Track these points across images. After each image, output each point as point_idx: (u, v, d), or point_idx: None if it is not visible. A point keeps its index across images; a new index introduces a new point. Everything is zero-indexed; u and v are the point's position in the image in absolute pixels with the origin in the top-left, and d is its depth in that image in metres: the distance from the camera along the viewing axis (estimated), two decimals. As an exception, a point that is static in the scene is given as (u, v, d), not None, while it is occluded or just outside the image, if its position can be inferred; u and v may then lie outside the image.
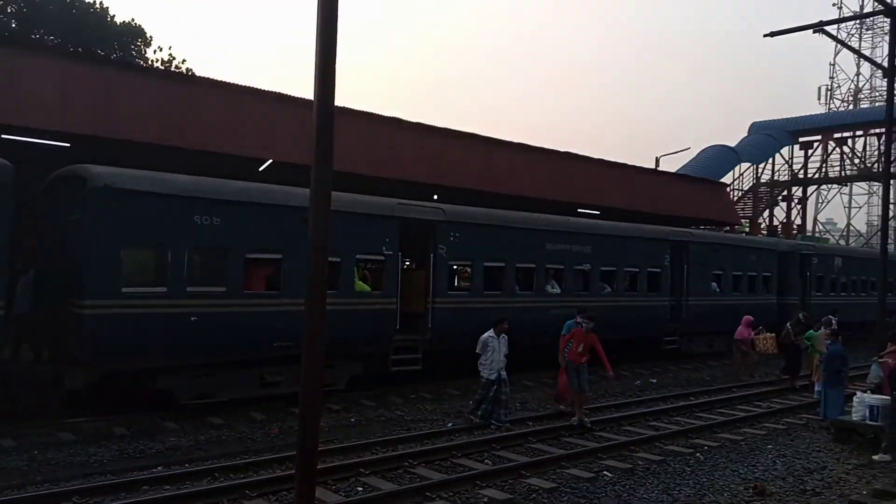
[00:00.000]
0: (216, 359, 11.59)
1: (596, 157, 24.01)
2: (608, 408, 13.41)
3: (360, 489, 8.21)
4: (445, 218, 14.58)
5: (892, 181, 57.97)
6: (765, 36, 11.90)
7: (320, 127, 4.85)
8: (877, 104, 59.83)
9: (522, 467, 9.10)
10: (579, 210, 22.65)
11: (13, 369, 12.64)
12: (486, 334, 11.64)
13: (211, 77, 16.13)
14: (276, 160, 15.91)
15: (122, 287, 10.50)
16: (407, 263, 16.32)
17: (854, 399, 11.78)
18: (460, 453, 9.77)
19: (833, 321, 17.08)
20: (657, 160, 33.68)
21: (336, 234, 12.37)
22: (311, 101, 5.33)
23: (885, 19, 11.52)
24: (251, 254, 11.88)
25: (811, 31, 11.32)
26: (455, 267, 16.08)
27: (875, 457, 10.20)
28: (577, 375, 11.75)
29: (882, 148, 36.89)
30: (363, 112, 17.74)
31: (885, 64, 11.26)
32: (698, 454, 10.26)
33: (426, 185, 18.56)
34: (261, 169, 16.38)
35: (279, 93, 16.56)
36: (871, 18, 60.72)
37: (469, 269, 15.77)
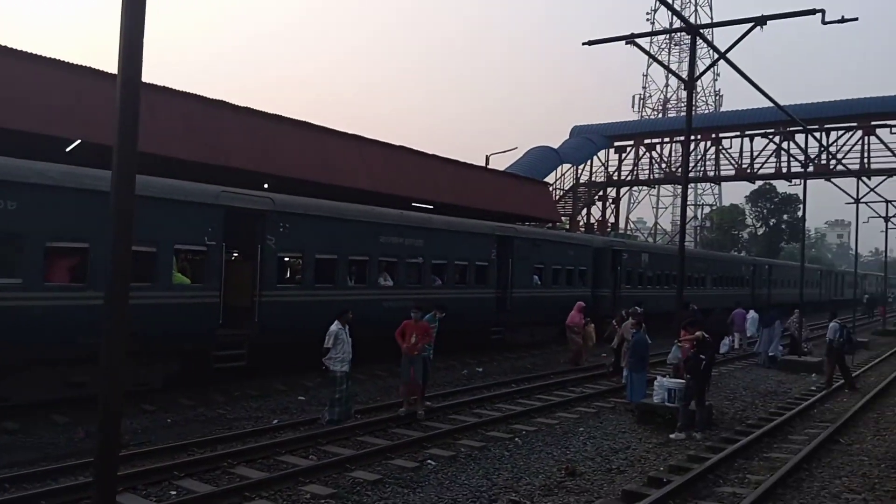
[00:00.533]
0: (12, 358, 10.42)
1: (430, 152, 24.43)
2: (435, 397, 13.71)
3: (174, 493, 7.76)
4: (275, 208, 14.14)
5: (690, 185, 63.83)
6: (583, 44, 12.77)
7: (124, 98, 4.43)
8: (682, 114, 66.17)
9: (348, 461, 9.05)
10: (413, 204, 22.94)
11: None
12: (334, 326, 11.23)
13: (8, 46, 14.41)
14: (86, 140, 14.57)
15: None
16: (234, 255, 15.65)
17: (655, 383, 12.95)
18: (284, 450, 9.55)
19: (639, 311, 18.68)
20: (487, 158, 35.00)
21: (152, 223, 11.70)
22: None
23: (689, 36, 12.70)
24: (53, 242, 10.81)
25: (624, 42, 12.31)
26: (285, 259, 15.66)
27: (672, 435, 11.26)
28: (412, 367, 11.88)
29: (677, 154, 40.90)
30: (186, 93, 16.73)
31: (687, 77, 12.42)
32: (517, 439, 10.78)
33: (255, 174, 17.88)
34: (68, 150, 14.93)
35: (91, 67, 15.17)
36: (679, 36, 66.92)
37: (300, 262, 15.43)
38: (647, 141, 41.51)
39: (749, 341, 24.99)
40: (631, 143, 42.16)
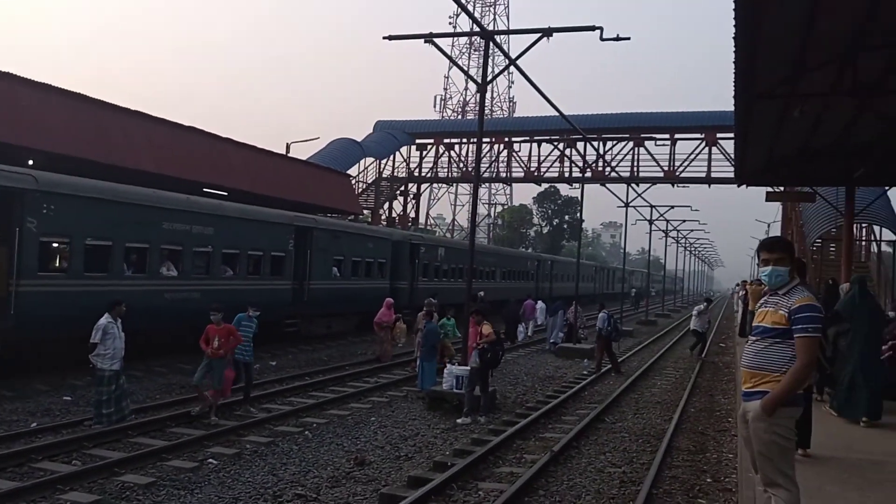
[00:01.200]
0: None
1: (223, 135, 23.23)
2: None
3: None
4: (37, 187, 12.55)
5: (483, 185, 66.50)
6: (383, 38, 12.82)
7: None
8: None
9: (117, 464, 8.27)
10: (205, 190, 21.67)
11: None
12: (102, 320, 10.07)
13: None
14: None
15: None
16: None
17: (444, 371, 13.38)
18: (42, 456, 8.51)
19: (433, 302, 19.24)
20: (287, 146, 34.05)
21: None
22: None
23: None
24: None
25: (423, 41, 12.53)
26: (50, 244, 13.99)
27: (458, 420, 11.70)
28: (209, 371, 11.02)
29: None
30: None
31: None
32: (307, 432, 10.55)
33: (16, 148, 15.80)
34: None
35: None
36: (479, 42, 69.99)
37: (67, 248, 13.85)
38: (446, 140, 42.91)
39: (538, 328, 27.08)
40: (431, 141, 43.34)
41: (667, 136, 35.79)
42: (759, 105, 10.44)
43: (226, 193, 22.26)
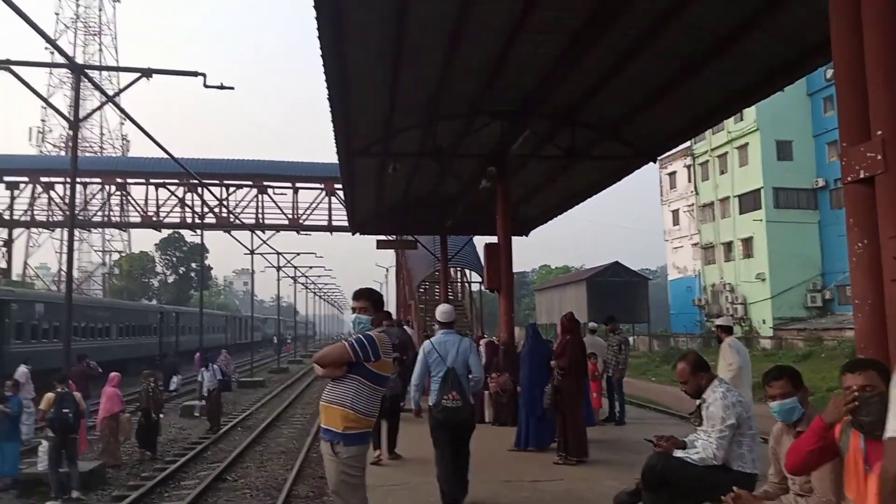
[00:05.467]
0: None
1: None
2: None
3: None
4: None
5: (97, 229, 60.07)
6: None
7: None
8: (85, 153, 62.72)
9: None
10: None
11: None
12: None
13: None
14: None
15: None
16: None
17: (39, 449, 11.49)
18: None
19: (26, 369, 16.55)
20: None
21: None
22: None
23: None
24: None
25: (-1, 69, 10.79)
26: None
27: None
28: None
29: (86, 197, 38.65)
30: None
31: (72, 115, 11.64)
32: None
33: None
34: None
35: None
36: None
37: None
38: (43, 179, 37.78)
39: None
40: (26, 179, 37.76)
41: (289, 184, 36.76)
42: (359, 161, 11.35)
43: None
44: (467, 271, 29.77)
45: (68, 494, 10.46)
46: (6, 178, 37.65)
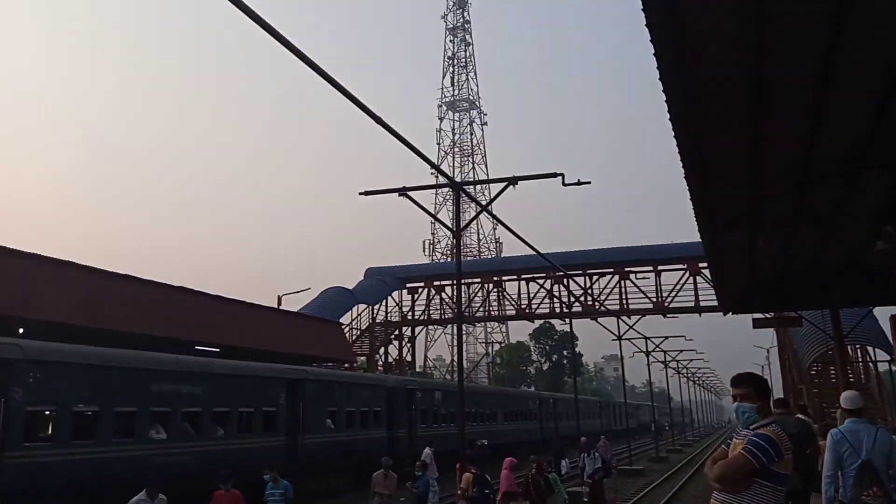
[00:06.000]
0: None
1: (214, 292, 23.60)
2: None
3: None
4: (23, 356, 12.61)
5: (480, 323, 66.07)
6: (359, 194, 13.49)
7: None
8: (466, 258, 70.68)
9: None
10: (196, 348, 21.68)
11: None
12: (136, 498, 9.38)
13: None
14: None
15: None
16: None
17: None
18: None
19: (430, 451, 18.72)
20: (279, 299, 34.45)
21: None
22: None
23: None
24: None
25: (397, 194, 13.19)
26: (37, 413, 13.82)
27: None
28: None
29: (469, 296, 43.28)
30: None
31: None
32: None
33: (7, 318, 15.99)
34: None
35: None
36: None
37: (54, 415, 13.68)
38: (436, 283, 43.57)
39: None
40: (422, 284, 44.00)
41: (650, 268, 36.46)
42: (723, 237, 10.82)
43: (217, 350, 22.25)
44: (869, 348, 25.64)
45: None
46: (408, 285, 44.32)
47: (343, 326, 36.38)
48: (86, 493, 13.23)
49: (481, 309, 42.40)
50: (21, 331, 16.44)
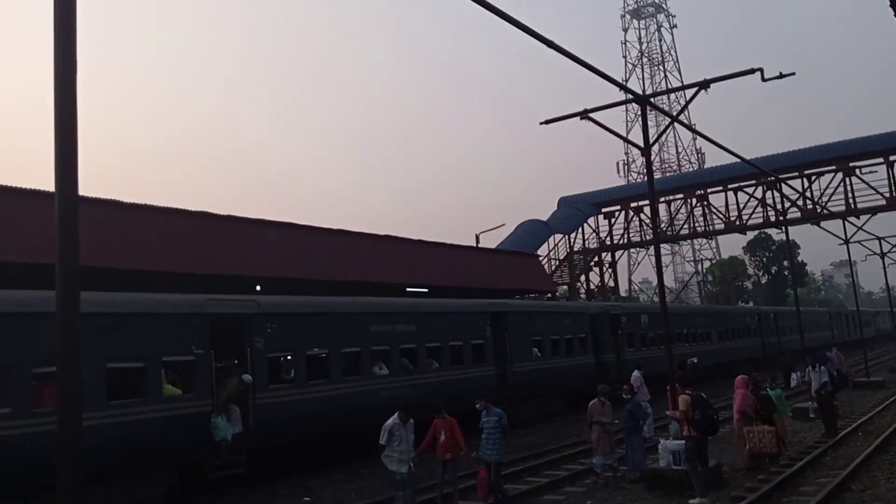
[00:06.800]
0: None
1: (416, 238, 24.87)
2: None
3: None
4: (260, 310, 14.29)
5: (686, 241, 63.44)
6: (540, 124, 13.28)
7: (62, 213, 4.38)
8: (666, 175, 67.30)
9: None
10: (407, 290, 23.13)
11: None
12: (390, 421, 10.34)
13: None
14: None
15: None
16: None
17: (658, 447, 12.73)
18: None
19: (639, 374, 18.54)
20: (477, 237, 35.39)
21: (137, 338, 11.89)
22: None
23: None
24: (39, 368, 10.93)
25: (579, 118, 12.80)
26: (278, 359, 15.70)
27: (692, 502, 10.78)
28: (444, 471, 11.26)
29: (671, 214, 41.32)
30: (167, 208, 17.24)
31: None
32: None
33: (244, 278, 18.17)
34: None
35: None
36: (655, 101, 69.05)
37: (291, 361, 15.46)
38: (633, 204, 42.13)
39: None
40: (618, 207, 42.79)
41: (880, 159, 32.20)
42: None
43: (426, 290, 23.57)
44: None
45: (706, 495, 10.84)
46: (604, 210, 43.34)
47: (540, 258, 36.65)
48: (323, 424, 14.97)
49: (686, 226, 40.39)
50: (258, 287, 18.60)
